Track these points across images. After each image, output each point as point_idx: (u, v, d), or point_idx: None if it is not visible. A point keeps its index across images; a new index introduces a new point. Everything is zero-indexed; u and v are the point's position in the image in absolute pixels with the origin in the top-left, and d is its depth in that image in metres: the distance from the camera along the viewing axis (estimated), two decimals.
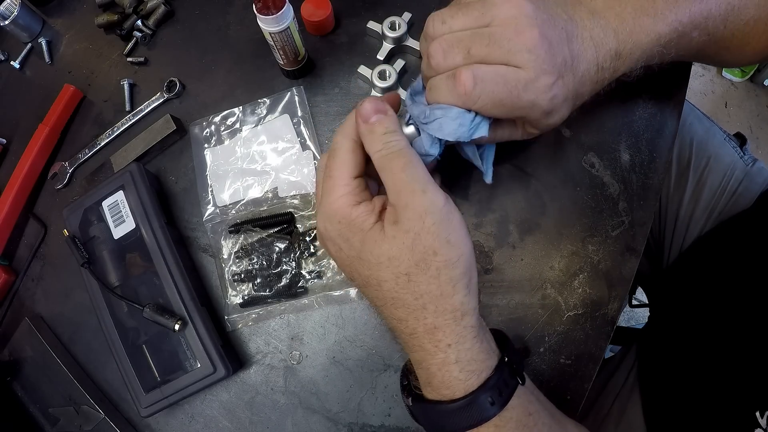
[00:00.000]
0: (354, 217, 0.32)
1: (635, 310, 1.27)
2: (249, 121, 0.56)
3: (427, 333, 0.31)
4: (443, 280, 0.30)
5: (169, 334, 0.48)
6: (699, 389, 0.49)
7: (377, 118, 0.32)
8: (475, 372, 0.31)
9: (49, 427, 0.51)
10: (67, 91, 0.60)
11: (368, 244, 0.32)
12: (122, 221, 0.51)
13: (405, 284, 0.31)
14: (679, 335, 0.56)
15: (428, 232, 0.30)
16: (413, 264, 0.30)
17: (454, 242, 0.30)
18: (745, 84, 1.67)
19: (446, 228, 0.30)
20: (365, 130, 0.33)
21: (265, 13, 0.46)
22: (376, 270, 0.32)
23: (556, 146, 0.50)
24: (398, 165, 0.31)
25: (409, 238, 0.30)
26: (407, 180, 0.31)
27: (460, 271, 0.31)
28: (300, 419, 0.48)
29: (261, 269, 0.51)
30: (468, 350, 0.31)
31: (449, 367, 0.31)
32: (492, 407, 0.31)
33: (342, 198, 0.33)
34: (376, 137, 0.32)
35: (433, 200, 0.30)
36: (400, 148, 0.32)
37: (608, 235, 0.48)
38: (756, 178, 0.63)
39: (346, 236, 0.33)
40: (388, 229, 0.31)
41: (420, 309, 0.31)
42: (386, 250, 0.31)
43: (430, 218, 0.30)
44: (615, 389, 0.61)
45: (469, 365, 0.31)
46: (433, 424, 0.33)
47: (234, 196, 0.54)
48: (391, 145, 0.32)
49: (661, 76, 0.51)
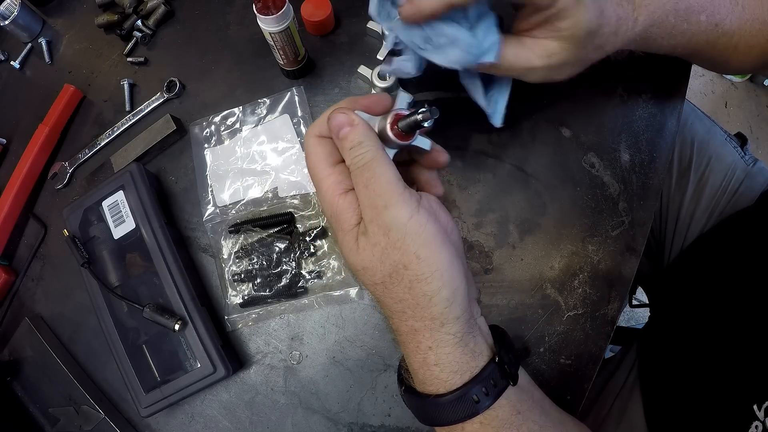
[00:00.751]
0: (340, 211, 0.32)
1: (635, 310, 1.27)
2: (249, 121, 0.56)
3: (408, 333, 0.32)
4: (417, 293, 0.30)
5: (169, 334, 0.48)
6: (698, 385, 0.49)
7: (344, 132, 0.32)
8: (457, 373, 0.31)
9: (49, 427, 0.51)
10: (67, 91, 0.60)
11: (344, 248, 0.32)
12: (122, 221, 0.51)
13: (383, 291, 0.32)
14: (679, 332, 0.57)
15: (394, 247, 0.30)
16: (387, 275, 0.31)
17: (424, 257, 0.30)
18: (745, 84, 1.67)
19: (413, 242, 0.30)
20: (338, 145, 0.33)
21: (265, 13, 0.46)
22: (357, 274, 0.33)
23: (556, 146, 0.50)
24: (362, 180, 0.31)
25: (378, 251, 0.30)
26: (370, 195, 0.30)
27: (435, 285, 0.30)
28: (300, 419, 0.48)
29: (261, 269, 0.51)
30: (448, 354, 0.31)
31: (430, 368, 0.32)
32: (477, 405, 0.31)
33: (329, 189, 0.33)
34: (345, 152, 0.32)
35: (395, 216, 0.29)
36: (365, 162, 0.31)
37: (608, 235, 0.48)
38: (757, 178, 0.63)
39: (335, 230, 0.34)
40: (360, 239, 0.32)
41: (400, 312, 0.32)
42: (359, 261, 0.31)
43: (393, 234, 0.30)
44: (615, 389, 0.61)
45: (450, 367, 0.31)
46: (421, 414, 0.34)
47: (234, 196, 0.54)
48: (357, 160, 0.31)
49: (661, 77, 0.51)
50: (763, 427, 0.40)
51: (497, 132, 0.51)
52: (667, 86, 0.51)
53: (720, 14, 0.38)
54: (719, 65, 0.45)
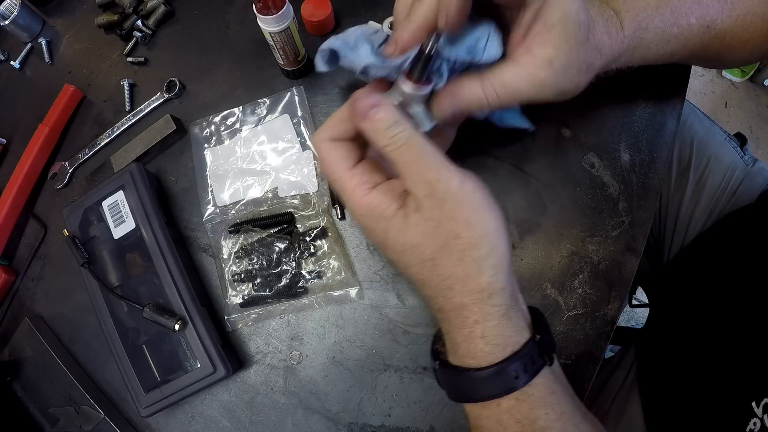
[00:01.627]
0: (374, 205, 0.32)
1: (635, 310, 1.27)
2: (249, 121, 0.56)
3: (454, 310, 0.32)
4: (467, 262, 0.31)
5: (169, 334, 0.48)
6: (697, 383, 0.49)
7: (375, 113, 0.32)
8: (500, 346, 0.32)
9: (49, 427, 0.51)
10: (67, 91, 0.60)
11: (392, 232, 0.32)
12: (122, 221, 0.51)
13: (431, 268, 0.32)
14: (678, 331, 0.57)
15: (448, 218, 0.30)
16: (437, 249, 0.31)
17: (475, 222, 0.31)
18: (745, 84, 1.67)
19: (466, 209, 0.31)
20: (368, 127, 0.32)
21: (265, 13, 0.46)
22: (402, 256, 0.32)
23: (556, 146, 0.50)
24: (409, 157, 0.31)
25: (431, 226, 0.31)
26: (421, 170, 0.31)
27: (484, 250, 0.31)
28: (300, 419, 0.48)
29: (261, 269, 0.51)
30: (494, 327, 0.32)
31: (475, 341, 0.32)
32: (515, 380, 0.31)
33: (355, 190, 0.33)
34: (380, 133, 0.32)
35: (448, 187, 0.31)
36: (407, 139, 0.31)
37: (608, 235, 0.48)
38: (756, 178, 0.63)
39: (371, 227, 0.33)
40: (411, 217, 0.31)
41: (447, 289, 0.32)
42: (410, 238, 0.31)
43: (448, 205, 0.30)
44: (614, 388, 0.61)
45: (495, 339, 0.32)
46: (456, 389, 0.34)
47: (234, 196, 0.54)
48: (397, 138, 0.31)
49: (661, 76, 0.51)
50: (762, 424, 0.40)
51: (497, 132, 0.51)
52: (667, 86, 0.51)
53: (710, 15, 0.38)
54: (715, 63, 0.45)
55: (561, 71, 0.35)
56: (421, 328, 0.48)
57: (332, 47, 0.37)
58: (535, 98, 0.36)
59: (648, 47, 0.38)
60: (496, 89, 0.34)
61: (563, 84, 0.35)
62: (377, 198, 0.33)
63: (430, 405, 0.47)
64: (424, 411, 0.47)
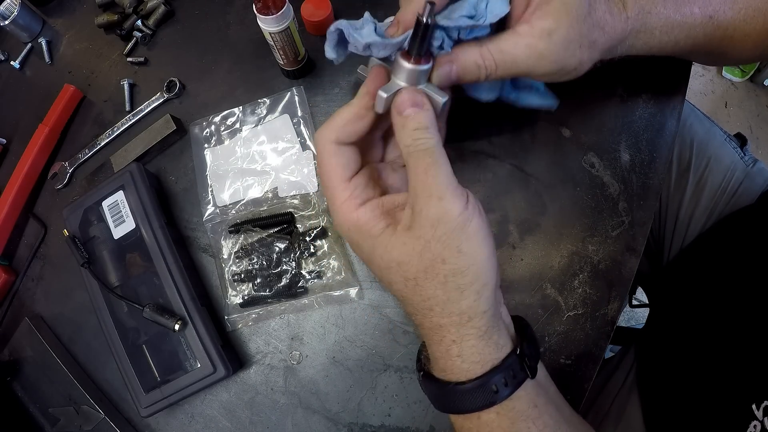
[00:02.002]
0: (362, 223, 0.32)
1: (635, 310, 1.27)
2: (249, 121, 0.56)
3: (432, 329, 0.32)
4: (450, 287, 0.31)
5: (169, 334, 0.48)
6: (697, 385, 0.49)
7: (411, 112, 0.32)
8: (479, 363, 0.32)
9: (49, 427, 0.51)
10: (67, 91, 0.60)
11: (378, 249, 0.32)
12: (122, 221, 0.51)
13: (413, 287, 0.31)
14: (678, 331, 0.57)
15: (438, 241, 0.30)
16: (422, 270, 0.31)
17: (465, 251, 0.30)
18: (745, 84, 1.67)
19: (458, 237, 0.30)
20: (398, 121, 0.32)
21: (265, 13, 0.46)
22: (387, 273, 0.32)
23: (556, 146, 0.50)
24: (422, 165, 0.31)
25: (419, 245, 0.30)
26: (427, 183, 0.30)
27: (469, 279, 0.31)
28: (300, 419, 0.48)
29: (261, 269, 0.51)
30: (472, 347, 0.32)
31: (452, 359, 0.32)
32: (495, 395, 0.31)
33: (344, 205, 0.33)
34: (407, 132, 0.32)
35: (448, 209, 0.30)
36: (427, 147, 0.31)
37: (608, 235, 0.48)
38: (756, 179, 0.63)
39: (356, 241, 0.33)
40: (400, 234, 0.31)
41: (427, 309, 0.32)
42: (396, 256, 0.31)
43: (441, 227, 0.30)
44: (614, 389, 0.61)
45: (472, 357, 0.32)
46: (438, 400, 0.34)
47: (234, 196, 0.54)
48: (419, 143, 0.31)
49: (661, 76, 0.51)
50: (762, 427, 0.40)
51: (497, 132, 0.51)
52: (667, 86, 0.51)
53: (713, 6, 0.38)
54: (718, 58, 0.44)
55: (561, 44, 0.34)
56: None
57: (339, 27, 0.36)
58: (534, 70, 0.35)
59: (652, 33, 0.38)
60: (494, 55, 0.34)
61: (564, 58, 0.35)
62: (365, 215, 0.32)
63: (430, 405, 0.46)
64: (424, 411, 0.47)
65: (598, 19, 0.35)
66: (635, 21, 0.37)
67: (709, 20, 0.39)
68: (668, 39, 0.39)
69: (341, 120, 0.33)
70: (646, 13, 0.37)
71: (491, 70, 0.34)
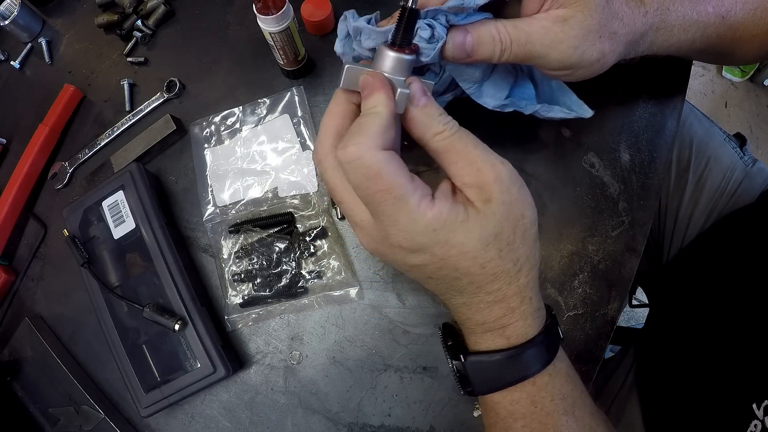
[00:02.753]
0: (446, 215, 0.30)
1: (635, 310, 1.27)
2: (249, 121, 0.56)
3: (517, 293, 0.32)
4: (530, 240, 0.32)
5: (169, 334, 0.48)
6: (697, 384, 0.49)
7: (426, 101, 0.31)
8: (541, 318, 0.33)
9: (49, 427, 0.51)
10: (67, 91, 0.60)
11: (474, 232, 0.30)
12: (122, 221, 0.51)
13: (508, 253, 0.31)
14: (678, 331, 0.57)
15: (517, 200, 0.31)
16: (511, 231, 0.31)
17: (530, 202, 0.32)
18: (745, 84, 1.67)
19: (525, 192, 0.32)
20: (421, 114, 0.31)
21: (265, 13, 0.46)
22: (483, 253, 0.31)
23: (556, 146, 0.50)
24: (469, 143, 0.31)
25: (505, 210, 0.31)
26: (483, 156, 0.31)
27: (536, 228, 0.33)
28: (300, 419, 0.48)
29: (261, 269, 0.51)
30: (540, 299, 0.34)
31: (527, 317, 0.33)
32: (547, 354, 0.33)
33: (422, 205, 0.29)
34: (435, 119, 0.31)
35: (510, 169, 0.31)
36: (457, 129, 0.31)
37: (608, 235, 0.48)
38: (756, 179, 0.63)
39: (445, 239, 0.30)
40: (484, 208, 0.30)
41: (516, 273, 0.32)
42: (491, 230, 0.30)
43: (515, 187, 0.31)
44: (614, 389, 0.61)
45: (540, 311, 0.33)
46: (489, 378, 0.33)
47: (234, 196, 0.54)
48: (452, 125, 0.31)
49: (661, 76, 0.51)
50: (762, 426, 0.40)
51: (497, 132, 0.51)
52: (667, 86, 0.51)
53: (725, 6, 0.39)
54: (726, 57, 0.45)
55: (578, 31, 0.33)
56: (421, 328, 0.48)
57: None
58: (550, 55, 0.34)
59: (671, 31, 0.38)
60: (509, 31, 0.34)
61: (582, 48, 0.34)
62: (445, 207, 0.30)
63: (430, 405, 0.47)
64: (424, 411, 0.47)
65: (616, 10, 0.35)
66: (654, 16, 0.37)
67: (721, 20, 0.39)
68: (686, 38, 0.39)
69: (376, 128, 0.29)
70: (665, 10, 0.37)
71: (506, 45, 0.34)
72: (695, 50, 0.41)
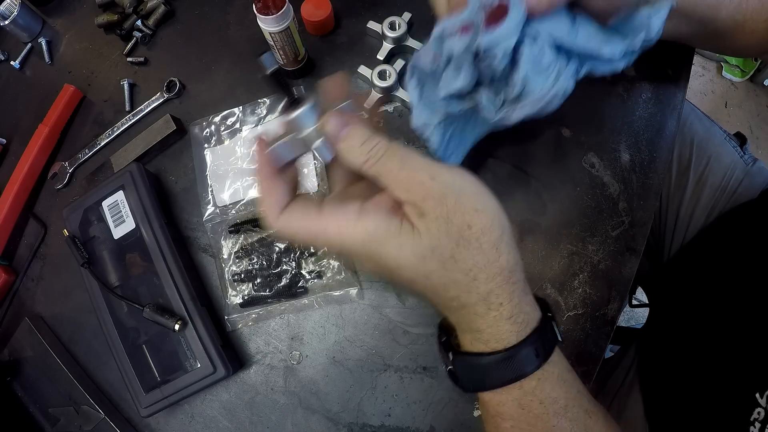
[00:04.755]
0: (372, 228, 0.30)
1: (635, 310, 1.27)
2: (249, 121, 0.56)
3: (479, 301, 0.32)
4: (486, 248, 0.30)
5: (169, 334, 0.48)
6: (699, 377, 0.50)
7: (346, 132, 0.31)
8: (523, 323, 0.32)
9: (49, 427, 0.51)
10: (67, 91, 0.60)
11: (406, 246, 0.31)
12: (122, 221, 0.51)
13: (453, 265, 0.31)
14: (680, 326, 0.57)
15: (454, 212, 0.30)
16: (454, 244, 0.30)
17: (480, 208, 0.30)
18: (745, 84, 1.67)
19: (467, 199, 0.30)
20: (343, 148, 0.32)
21: (265, 13, 0.46)
22: (422, 266, 0.31)
23: (556, 146, 0.50)
24: (394, 165, 0.30)
25: (442, 224, 0.30)
26: (411, 176, 0.30)
27: (497, 233, 0.31)
28: (300, 419, 0.48)
29: (261, 269, 0.51)
30: (517, 305, 0.32)
31: (502, 323, 0.32)
32: (536, 359, 0.31)
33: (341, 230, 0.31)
34: (356, 150, 0.31)
35: (444, 181, 0.30)
36: (386, 149, 0.31)
37: (608, 235, 0.48)
38: (756, 178, 0.63)
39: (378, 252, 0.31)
40: (419, 224, 0.30)
41: (471, 282, 0.31)
42: (427, 244, 0.30)
43: (450, 199, 0.30)
44: (613, 388, 0.61)
45: (519, 317, 0.32)
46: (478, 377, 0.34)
47: (234, 196, 0.54)
48: (376, 150, 0.30)
49: (661, 76, 0.51)
50: (766, 414, 0.40)
51: (497, 132, 0.51)
52: (667, 86, 0.51)
53: None
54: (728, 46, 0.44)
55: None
56: (421, 328, 0.48)
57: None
58: None
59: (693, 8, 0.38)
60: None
61: None
62: (373, 222, 0.31)
63: (430, 405, 0.47)
64: (424, 411, 0.47)
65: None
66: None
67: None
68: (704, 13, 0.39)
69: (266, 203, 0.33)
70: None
71: None
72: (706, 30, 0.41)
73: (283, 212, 0.32)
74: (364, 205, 0.32)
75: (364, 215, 0.31)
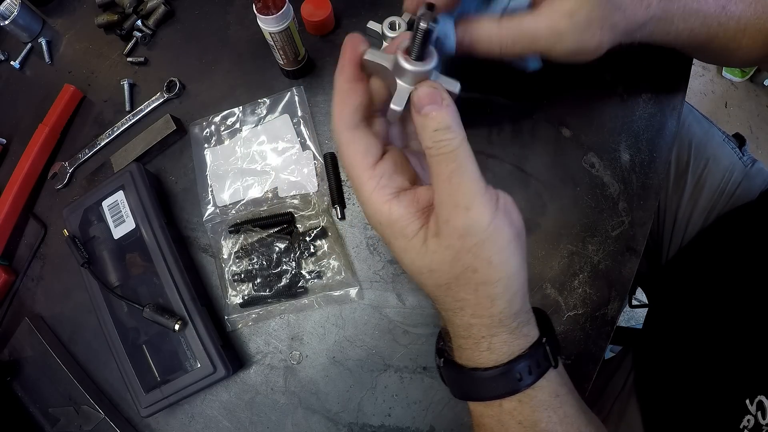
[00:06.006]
0: (394, 219, 0.30)
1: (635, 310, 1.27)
2: (249, 121, 0.56)
3: (462, 326, 0.32)
4: (481, 295, 0.30)
5: (169, 334, 0.48)
6: (693, 382, 0.50)
7: (430, 110, 0.29)
8: (506, 353, 0.31)
9: (49, 427, 0.51)
10: (67, 91, 0.60)
11: (410, 253, 0.30)
12: (122, 221, 0.51)
13: (445, 291, 0.31)
14: (675, 330, 0.57)
15: (468, 252, 0.29)
16: (453, 278, 0.30)
17: (496, 263, 0.29)
18: (745, 84, 1.67)
19: (489, 248, 0.28)
20: (418, 121, 0.30)
21: (265, 13, 0.46)
22: (418, 276, 0.31)
23: (556, 146, 0.50)
24: (446, 172, 0.28)
25: (450, 255, 0.29)
26: (452, 192, 0.28)
27: (500, 289, 0.30)
28: (300, 419, 0.48)
29: (261, 269, 0.51)
30: (502, 342, 0.31)
31: (481, 352, 0.32)
32: (519, 382, 0.31)
33: (373, 195, 0.30)
34: (427, 133, 0.29)
35: (475, 220, 0.28)
36: (451, 150, 0.28)
37: (608, 235, 0.48)
38: (755, 179, 0.63)
39: (388, 239, 0.32)
40: (430, 242, 0.30)
41: (458, 309, 0.31)
42: (427, 263, 0.30)
43: (470, 239, 0.28)
44: (614, 392, 0.61)
45: (501, 348, 0.31)
46: (460, 387, 0.34)
47: (234, 196, 0.54)
48: (442, 145, 0.29)
49: (661, 76, 0.51)
50: (755, 421, 0.40)
51: (497, 132, 0.51)
52: (667, 86, 0.51)
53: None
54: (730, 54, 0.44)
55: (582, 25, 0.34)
56: (421, 328, 0.48)
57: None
58: (553, 49, 0.35)
59: (671, 21, 0.38)
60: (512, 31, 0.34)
61: (584, 39, 0.35)
62: (399, 211, 0.30)
63: (430, 405, 0.47)
64: (424, 411, 0.47)
65: (620, 2, 0.35)
66: (656, 8, 0.37)
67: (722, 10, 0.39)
68: (684, 26, 0.39)
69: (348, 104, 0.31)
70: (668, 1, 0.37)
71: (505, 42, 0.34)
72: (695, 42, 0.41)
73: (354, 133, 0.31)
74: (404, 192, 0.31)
75: (397, 202, 0.30)
